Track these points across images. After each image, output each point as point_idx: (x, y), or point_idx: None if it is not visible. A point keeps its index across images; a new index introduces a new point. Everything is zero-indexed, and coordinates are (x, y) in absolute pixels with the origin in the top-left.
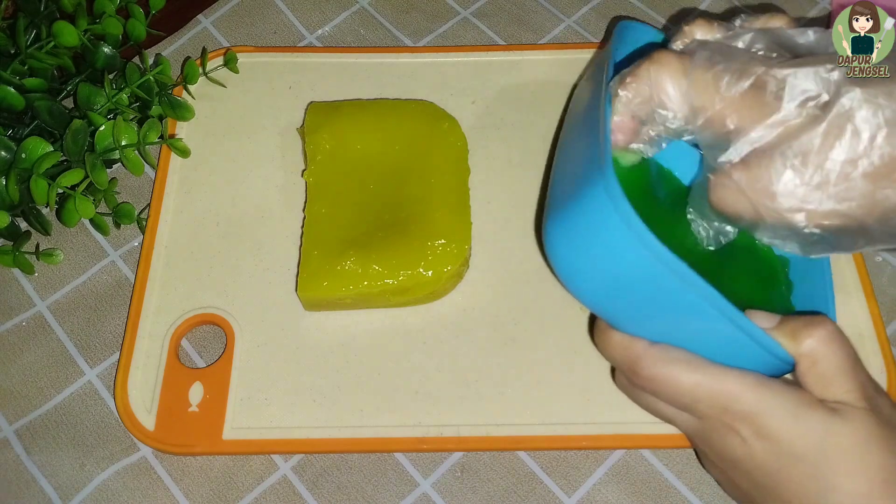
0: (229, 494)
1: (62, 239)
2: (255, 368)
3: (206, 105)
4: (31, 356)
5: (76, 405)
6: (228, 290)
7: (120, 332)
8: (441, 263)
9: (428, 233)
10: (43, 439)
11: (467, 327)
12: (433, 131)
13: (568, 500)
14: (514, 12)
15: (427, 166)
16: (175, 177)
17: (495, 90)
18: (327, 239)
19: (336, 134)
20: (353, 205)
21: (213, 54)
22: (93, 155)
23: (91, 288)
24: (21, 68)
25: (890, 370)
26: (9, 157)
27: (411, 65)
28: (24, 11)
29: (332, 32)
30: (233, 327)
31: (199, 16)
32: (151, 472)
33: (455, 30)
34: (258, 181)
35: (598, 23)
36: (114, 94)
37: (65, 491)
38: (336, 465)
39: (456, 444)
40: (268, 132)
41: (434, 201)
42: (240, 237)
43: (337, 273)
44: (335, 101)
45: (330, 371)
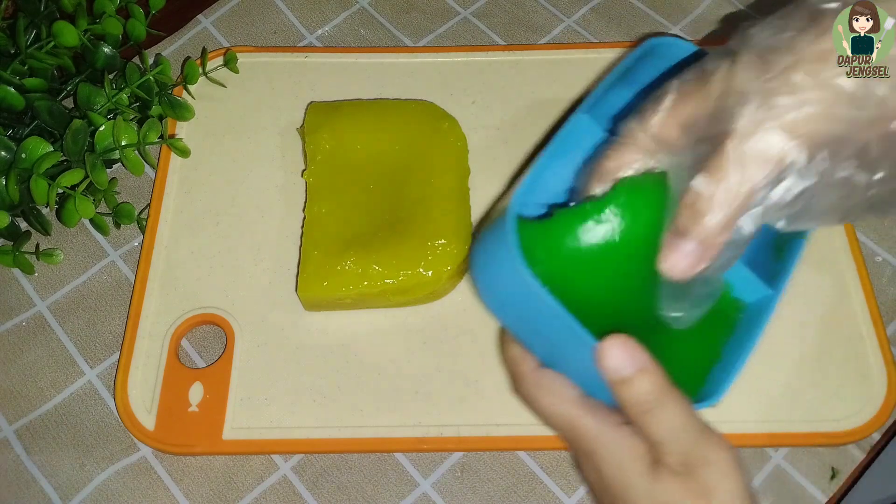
0: (229, 494)
1: (62, 239)
2: (255, 368)
3: (206, 105)
4: (32, 356)
5: (76, 405)
6: (228, 290)
7: (120, 332)
8: (441, 263)
9: (428, 233)
10: (43, 439)
11: (467, 327)
12: (433, 131)
13: (568, 501)
14: (514, 12)
15: (427, 166)
16: (175, 176)
17: (495, 90)
18: (327, 239)
19: (336, 134)
20: (353, 205)
21: (213, 54)
22: (93, 155)
23: (91, 288)
24: (21, 68)
25: (890, 370)
26: (9, 157)
27: (411, 65)
28: (24, 11)
29: (332, 32)
30: (233, 327)
31: (199, 16)
32: (151, 472)
33: (455, 30)
34: (258, 181)
35: (597, 23)
36: (114, 94)
37: (64, 491)
38: (336, 465)
39: (456, 444)
40: (268, 132)
41: (434, 201)
42: (240, 237)
43: (337, 273)
44: (335, 102)
45: (330, 371)
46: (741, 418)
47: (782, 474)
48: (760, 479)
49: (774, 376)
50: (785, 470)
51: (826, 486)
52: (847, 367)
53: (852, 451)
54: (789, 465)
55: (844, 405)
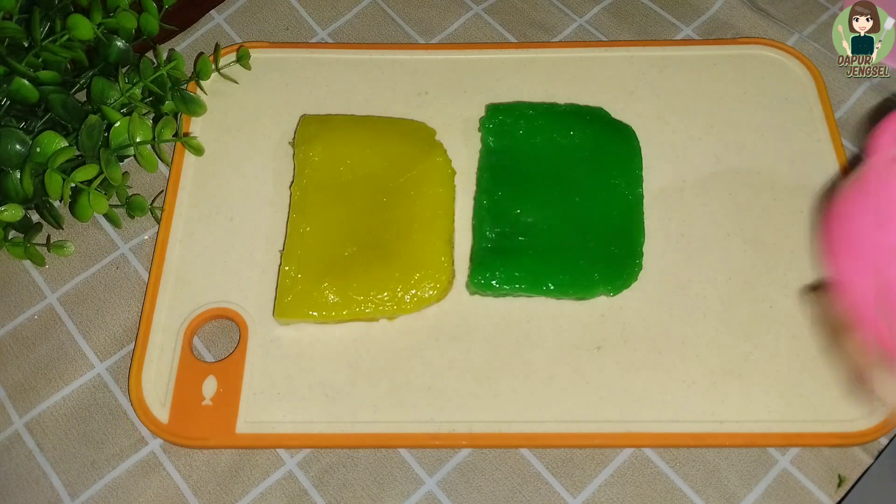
0: (235, 489)
1: (72, 231)
2: (268, 363)
3: (218, 101)
4: (43, 350)
5: (86, 398)
6: (242, 285)
7: (129, 325)
8: (421, 291)
9: (409, 262)
10: (54, 434)
11: (479, 325)
12: (423, 154)
13: (573, 501)
14: (527, 11)
15: (413, 189)
16: (189, 171)
17: (508, 88)
18: (307, 261)
19: (326, 148)
20: (337, 222)
21: (225, 50)
22: (107, 151)
23: (100, 280)
24: (35, 61)
25: None
26: (24, 150)
27: (424, 61)
28: (39, 4)
29: (344, 28)
30: (246, 322)
31: (212, 12)
32: (160, 466)
33: (467, 27)
34: (271, 176)
35: (609, 23)
36: (128, 88)
37: (74, 486)
38: (342, 462)
39: (468, 441)
40: (280, 128)
41: (417, 227)
42: (254, 232)
43: (314, 300)
44: (326, 115)
45: (343, 366)
46: (751, 417)
47: (788, 478)
48: (766, 482)
49: (785, 376)
50: (791, 474)
51: (833, 492)
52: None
53: (860, 455)
54: (796, 469)
55: (855, 406)
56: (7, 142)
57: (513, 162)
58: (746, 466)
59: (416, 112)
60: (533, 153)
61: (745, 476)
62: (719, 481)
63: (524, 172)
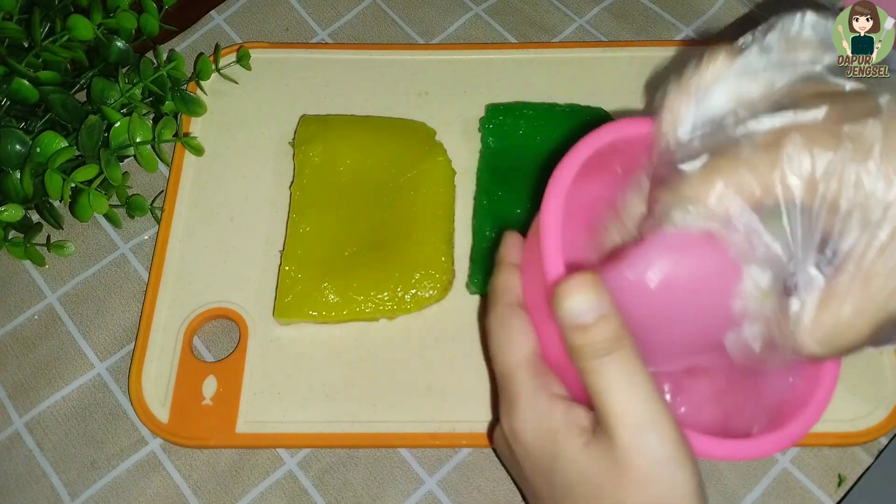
0: (235, 489)
1: (72, 231)
2: (268, 363)
3: (218, 101)
4: (43, 350)
5: (86, 398)
6: (242, 285)
7: (129, 324)
8: (421, 291)
9: (409, 262)
10: (54, 433)
11: (479, 325)
12: (423, 154)
13: None
14: (527, 12)
15: (413, 189)
16: (189, 171)
17: (508, 88)
18: (308, 261)
19: (326, 148)
20: (336, 222)
21: (225, 51)
22: (108, 151)
23: (100, 280)
24: (35, 61)
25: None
26: (24, 150)
27: (424, 62)
28: (39, 5)
29: (344, 29)
30: (246, 322)
31: (212, 12)
32: (160, 466)
33: (467, 27)
34: (272, 176)
35: (610, 23)
36: (128, 88)
37: (74, 486)
38: (342, 462)
39: (469, 441)
40: (280, 128)
41: (417, 227)
42: (254, 232)
43: (314, 300)
44: (326, 115)
45: (342, 366)
46: None
47: (788, 478)
48: (766, 482)
49: None
50: (791, 473)
51: (833, 491)
52: (860, 367)
53: (860, 455)
54: (796, 469)
55: (856, 406)
56: (7, 142)
57: (513, 162)
58: (746, 466)
59: (416, 112)
60: (533, 153)
61: (744, 475)
62: (719, 481)
63: (524, 172)
